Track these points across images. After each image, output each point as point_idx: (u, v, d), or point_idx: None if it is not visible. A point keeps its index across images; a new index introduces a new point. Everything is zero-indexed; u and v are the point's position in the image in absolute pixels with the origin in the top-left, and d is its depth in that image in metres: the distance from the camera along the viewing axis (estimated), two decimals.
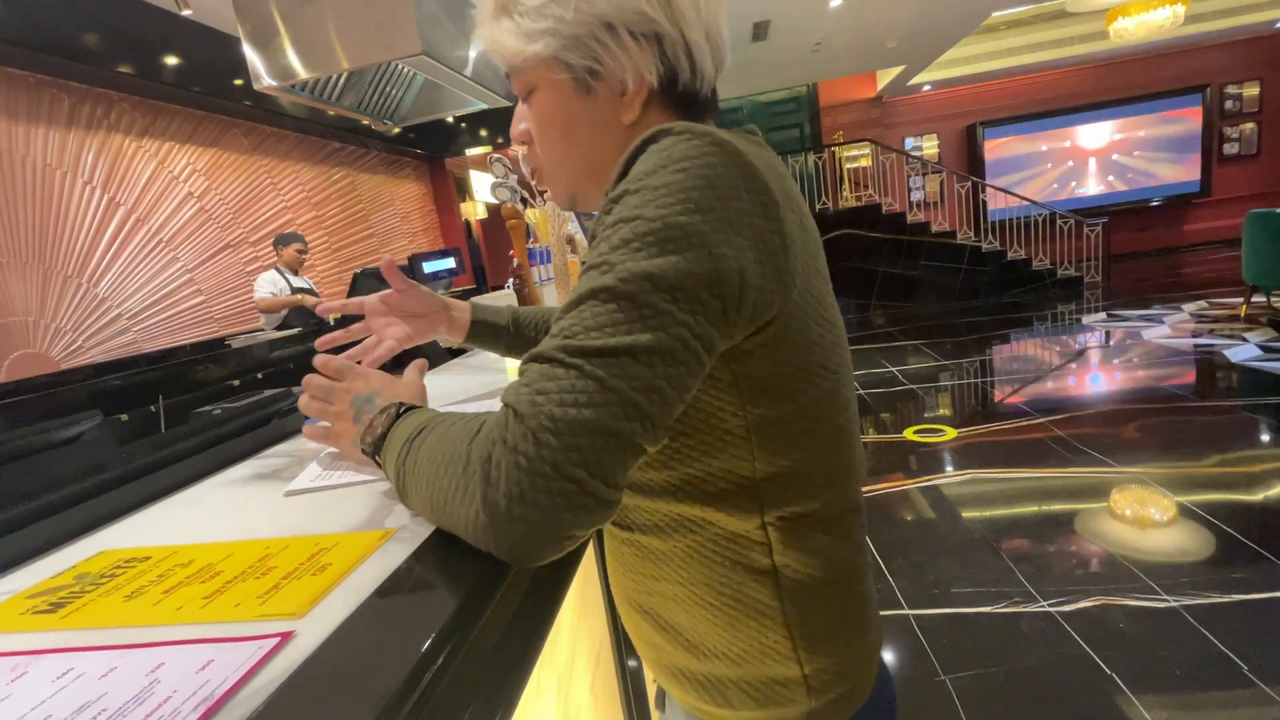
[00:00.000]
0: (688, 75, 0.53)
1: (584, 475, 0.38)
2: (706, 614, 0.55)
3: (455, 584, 0.41)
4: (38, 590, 0.48)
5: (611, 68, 0.52)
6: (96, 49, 3.41)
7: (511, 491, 0.37)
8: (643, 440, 0.40)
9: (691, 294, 0.40)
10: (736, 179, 0.43)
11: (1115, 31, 6.13)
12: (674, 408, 0.41)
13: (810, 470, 0.52)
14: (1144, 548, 2.20)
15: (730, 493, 0.51)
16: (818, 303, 0.51)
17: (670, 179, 0.42)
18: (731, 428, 0.49)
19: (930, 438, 3.38)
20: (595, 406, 0.38)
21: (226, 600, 0.41)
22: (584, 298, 0.41)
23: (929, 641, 1.82)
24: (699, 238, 0.41)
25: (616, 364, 0.39)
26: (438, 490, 0.42)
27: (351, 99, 3.03)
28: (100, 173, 3.73)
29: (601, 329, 0.39)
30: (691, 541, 0.54)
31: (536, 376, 0.40)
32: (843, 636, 0.56)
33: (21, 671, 0.36)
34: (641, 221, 0.41)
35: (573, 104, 0.55)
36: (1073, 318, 6.07)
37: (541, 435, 0.37)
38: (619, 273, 0.40)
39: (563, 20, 0.51)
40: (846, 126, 8.91)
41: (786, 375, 0.49)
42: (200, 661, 0.35)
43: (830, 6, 5.17)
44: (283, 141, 5.27)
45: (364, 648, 0.35)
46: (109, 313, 3.73)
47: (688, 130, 0.45)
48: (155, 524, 0.61)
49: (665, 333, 0.40)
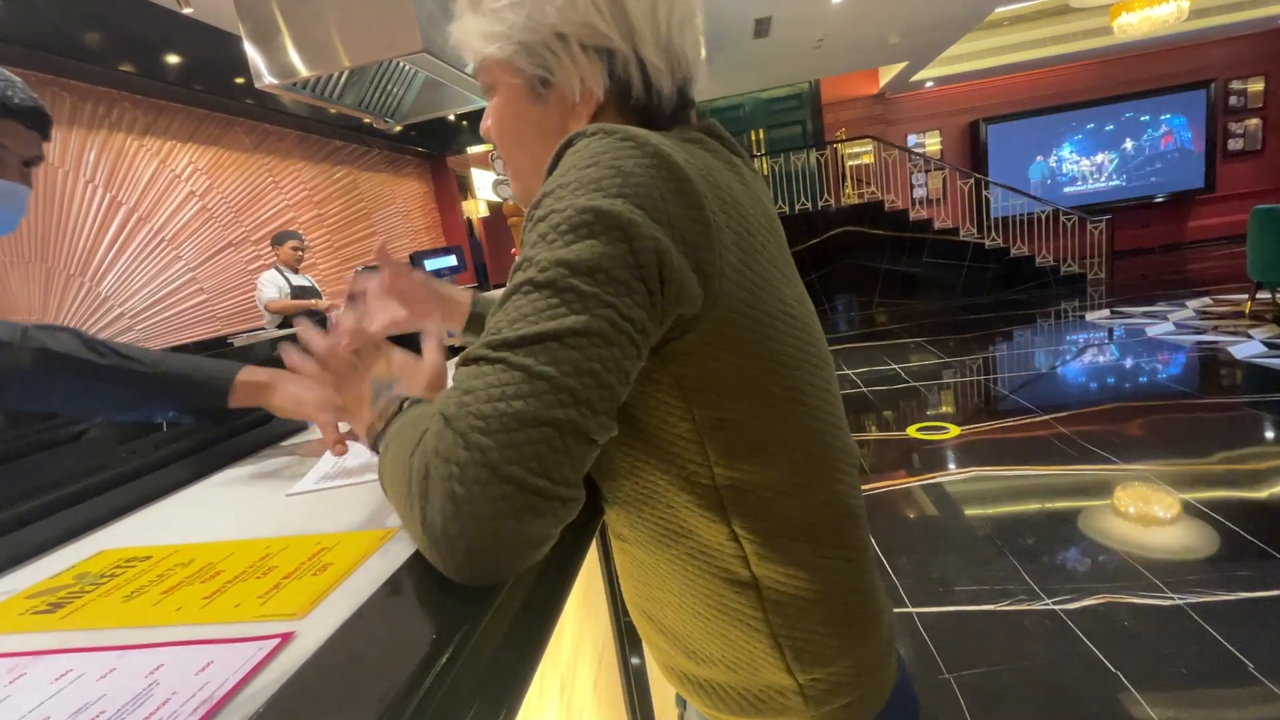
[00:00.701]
0: (641, 91, 0.53)
1: (521, 473, 0.35)
2: (697, 622, 0.55)
3: (456, 584, 0.40)
4: (37, 590, 0.47)
5: (561, 77, 0.53)
6: (98, 48, 3.41)
7: (446, 509, 0.35)
8: (586, 427, 0.38)
9: (613, 274, 0.39)
10: (649, 169, 0.43)
11: (1119, 27, 6.10)
12: (613, 391, 0.39)
13: (779, 479, 0.50)
14: (1149, 545, 2.19)
15: (695, 502, 0.50)
16: (770, 296, 0.50)
17: (580, 174, 0.42)
18: (682, 432, 0.48)
19: (933, 435, 3.37)
20: (525, 398, 0.36)
21: (227, 600, 0.41)
22: (507, 295, 0.41)
23: (933, 640, 1.82)
24: (612, 219, 0.40)
25: (542, 350, 0.37)
26: (397, 507, 0.42)
27: (353, 97, 3.03)
28: (102, 171, 3.73)
29: (524, 319, 0.38)
30: (674, 553, 0.53)
31: (464, 378, 0.38)
32: (838, 647, 0.53)
33: (21, 673, 0.36)
34: (555, 215, 0.41)
35: (524, 108, 0.56)
36: (1076, 315, 6.05)
37: (471, 436, 0.35)
38: (537, 264, 0.40)
39: (516, 26, 0.52)
40: (849, 123, 8.89)
41: (732, 374, 0.48)
42: (200, 663, 0.34)
43: (832, 3, 5.15)
44: (284, 140, 5.27)
45: (365, 649, 0.34)
46: (111, 312, 3.73)
47: (600, 130, 0.45)
48: (156, 523, 0.61)
49: (590, 314, 0.38)
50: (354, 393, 0.59)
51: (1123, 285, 7.07)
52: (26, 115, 0.85)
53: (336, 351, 0.59)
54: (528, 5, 0.51)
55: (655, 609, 0.59)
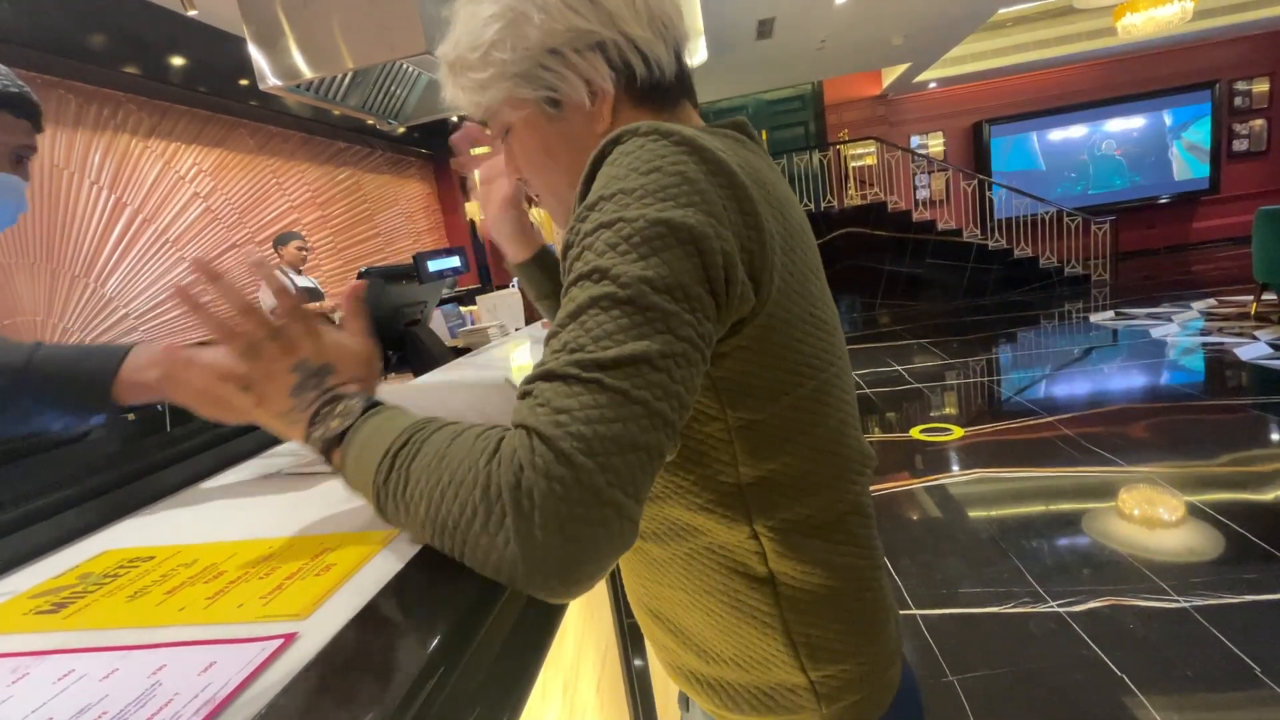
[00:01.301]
0: (644, 70, 0.53)
1: (621, 496, 0.35)
2: (709, 620, 0.55)
3: (460, 585, 0.40)
4: (41, 590, 0.47)
5: (567, 89, 0.53)
6: (104, 50, 3.42)
7: (550, 523, 0.34)
8: (667, 448, 0.38)
9: (690, 291, 0.40)
10: (709, 176, 0.43)
11: (1123, 28, 6.08)
12: (688, 409, 0.40)
13: (799, 475, 0.51)
14: (1153, 547, 2.18)
15: (717, 500, 0.50)
16: (805, 301, 0.50)
17: (644, 180, 0.42)
18: (713, 431, 0.48)
19: (937, 437, 3.37)
20: (624, 421, 0.36)
21: (230, 601, 0.41)
22: (583, 307, 0.39)
23: (936, 642, 1.81)
24: (685, 233, 0.40)
25: (636, 373, 0.37)
26: (445, 515, 0.38)
27: (356, 99, 3.04)
28: (107, 173, 3.75)
29: (610, 337, 0.38)
30: (688, 549, 0.53)
31: (552, 395, 0.37)
32: (850, 644, 0.54)
33: (23, 673, 0.36)
34: (624, 224, 0.40)
35: (545, 130, 0.56)
36: (1080, 316, 6.04)
37: (576, 459, 0.35)
38: (615, 279, 0.39)
39: (505, 62, 0.52)
40: (851, 124, 8.88)
41: (766, 377, 0.48)
42: (203, 663, 0.34)
43: (835, 4, 5.15)
44: (288, 141, 5.28)
45: (368, 650, 0.34)
46: (116, 312, 3.74)
47: (654, 130, 0.44)
48: (159, 523, 0.61)
49: (674, 334, 0.39)
50: (264, 367, 0.49)
51: (1127, 287, 7.05)
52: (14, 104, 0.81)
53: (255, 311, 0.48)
54: (508, 37, 0.51)
55: (665, 608, 0.59)
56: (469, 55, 0.53)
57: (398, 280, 1.33)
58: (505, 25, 0.51)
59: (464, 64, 0.54)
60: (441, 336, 1.73)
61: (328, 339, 0.51)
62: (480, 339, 1.70)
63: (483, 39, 0.52)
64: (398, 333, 1.42)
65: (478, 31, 0.52)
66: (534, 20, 0.50)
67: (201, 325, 0.48)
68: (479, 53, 0.53)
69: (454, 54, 0.55)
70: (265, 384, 0.49)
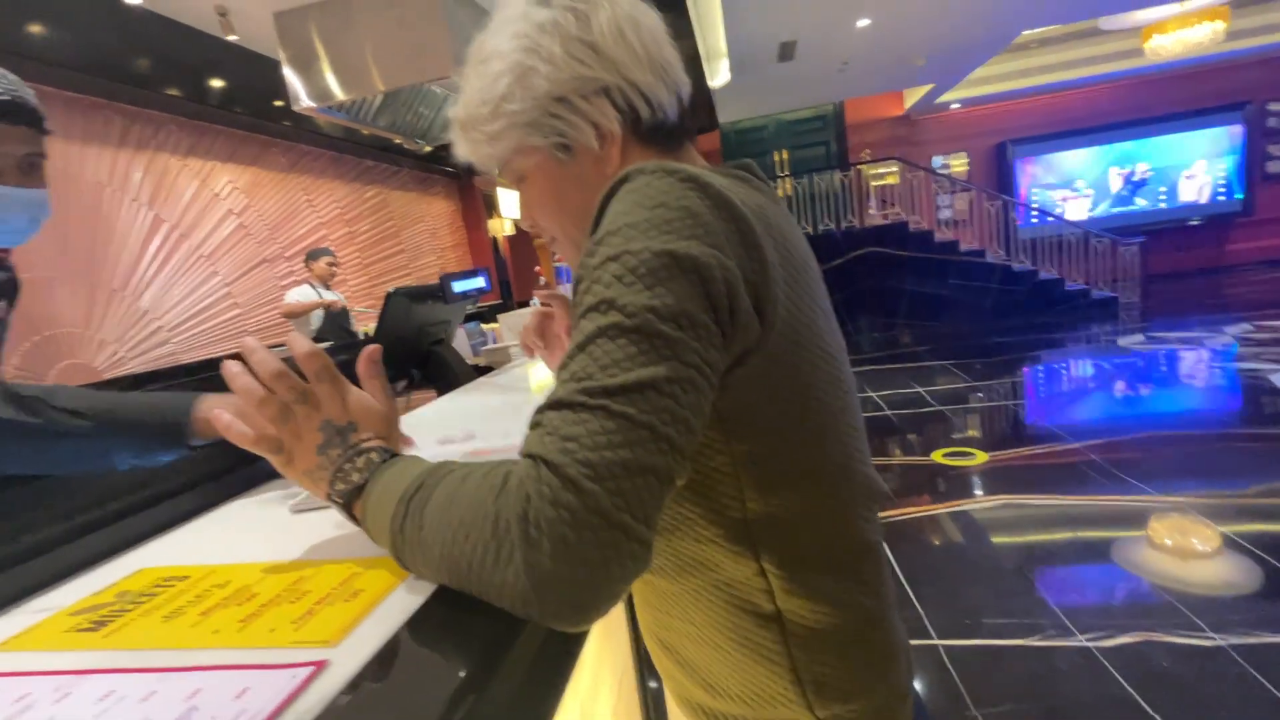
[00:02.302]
0: (648, 112, 0.55)
1: (629, 520, 0.36)
2: (717, 655, 0.55)
3: (485, 614, 0.41)
4: (80, 608, 0.49)
5: (576, 135, 0.55)
6: (147, 73, 3.57)
7: (558, 551, 0.35)
8: (676, 472, 0.39)
9: (696, 320, 0.40)
10: (712, 209, 0.44)
11: (1151, 49, 6.03)
12: (696, 435, 0.41)
13: (805, 510, 0.51)
14: (1187, 581, 2.11)
15: (724, 534, 0.50)
16: (810, 333, 0.51)
17: (649, 214, 0.43)
18: (718, 465, 0.49)
19: (959, 461, 3.31)
20: (631, 445, 0.37)
21: (262, 625, 0.42)
22: (591, 338, 0.40)
23: (959, 673, 1.77)
24: (689, 263, 0.41)
25: (642, 399, 0.38)
26: (458, 556, 0.39)
27: (386, 119, 3.12)
28: (147, 190, 3.89)
29: (617, 365, 0.39)
30: (696, 584, 0.53)
31: (560, 423, 0.38)
32: (859, 683, 0.54)
33: (65, 692, 0.37)
34: (630, 256, 0.41)
35: (557, 175, 0.58)
36: (1108, 339, 5.91)
37: (583, 484, 0.35)
38: (622, 308, 0.40)
39: (515, 113, 0.54)
40: (873, 144, 8.88)
41: (771, 409, 0.48)
42: (237, 689, 0.35)
43: (857, 27, 5.19)
44: (318, 160, 5.43)
45: (397, 680, 0.35)
46: (150, 324, 3.85)
47: (660, 169, 0.45)
48: (190, 542, 0.62)
49: (680, 361, 0.39)
50: (293, 429, 0.50)
51: (1157, 310, 6.91)
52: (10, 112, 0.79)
53: (286, 376, 0.50)
54: (518, 89, 0.54)
55: (674, 640, 0.59)
56: (480, 110, 0.56)
57: (423, 300, 1.36)
58: (514, 79, 0.54)
59: (475, 119, 0.56)
60: (464, 354, 1.75)
61: (351, 399, 0.53)
62: (502, 358, 1.72)
63: (493, 94, 0.54)
64: (422, 351, 1.45)
65: (487, 88, 0.55)
66: (541, 72, 0.53)
67: (240, 395, 0.50)
68: (489, 107, 0.55)
69: (465, 113, 0.58)
70: (294, 443, 0.51)
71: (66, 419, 0.72)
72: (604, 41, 0.53)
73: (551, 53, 0.52)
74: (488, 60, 0.55)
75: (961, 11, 5.04)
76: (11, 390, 0.72)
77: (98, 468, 0.76)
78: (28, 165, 0.86)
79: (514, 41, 0.54)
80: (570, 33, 0.53)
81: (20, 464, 0.75)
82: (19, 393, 0.72)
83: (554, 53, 0.52)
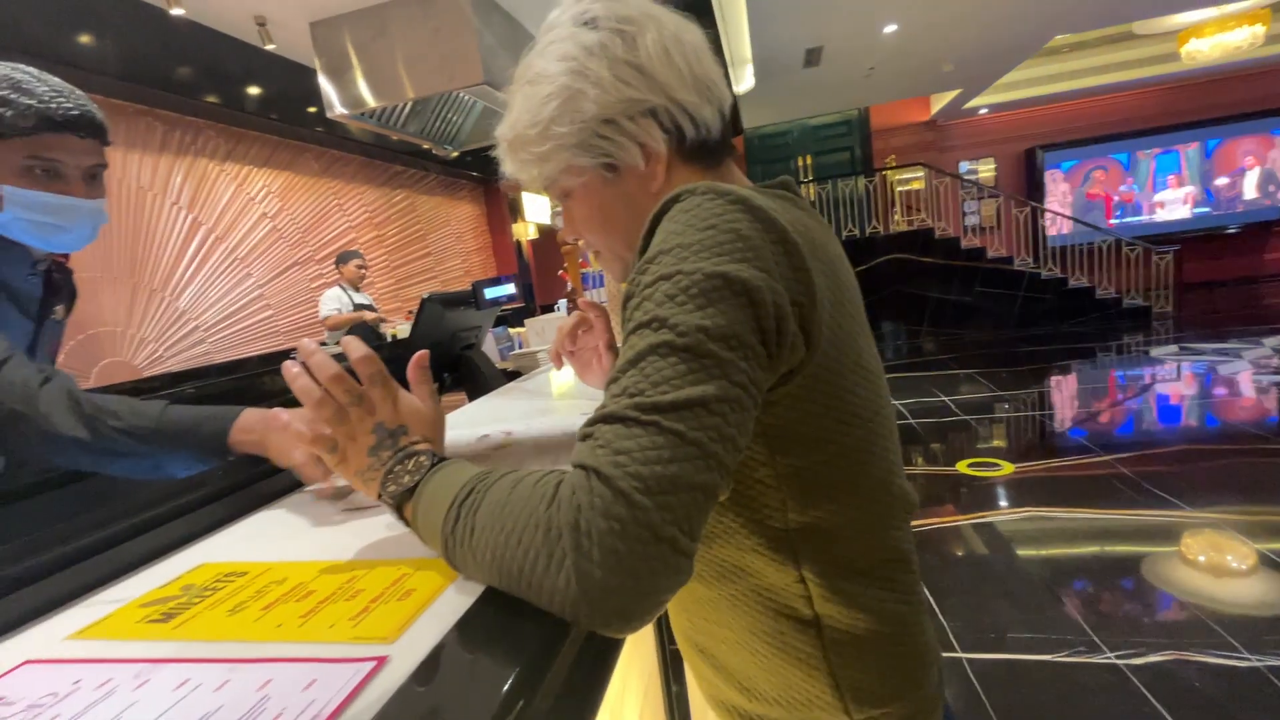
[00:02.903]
0: (692, 131, 0.56)
1: (677, 533, 0.37)
2: (753, 659, 0.56)
3: (532, 617, 0.42)
4: (149, 600, 0.52)
5: (623, 155, 0.56)
6: (188, 81, 3.68)
7: (608, 561, 0.36)
8: (720, 489, 0.40)
9: (744, 341, 0.42)
10: (762, 233, 0.45)
11: (1188, 54, 5.90)
12: (740, 452, 0.42)
13: (845, 521, 0.52)
14: (1222, 599, 2.06)
15: (766, 544, 0.52)
16: (853, 352, 0.52)
17: (701, 235, 0.44)
18: (762, 477, 0.50)
19: (985, 472, 3.26)
20: (680, 461, 0.38)
21: (321, 620, 0.44)
22: (642, 354, 0.42)
23: (984, 688, 1.75)
24: (739, 285, 0.42)
25: (692, 416, 0.39)
26: (510, 561, 0.40)
27: (416, 125, 3.19)
28: (186, 194, 4.01)
29: (668, 382, 0.40)
30: (734, 590, 0.55)
31: (612, 437, 0.39)
32: (894, 687, 0.55)
33: (144, 679, 0.40)
34: (682, 276, 0.43)
35: (603, 194, 0.59)
36: (1140, 349, 5.79)
37: (634, 497, 0.37)
38: (674, 327, 0.41)
39: (563, 134, 0.55)
40: (899, 150, 8.80)
41: (814, 425, 0.50)
42: (305, 680, 0.37)
43: (884, 33, 5.15)
44: (349, 165, 5.55)
45: (453, 677, 0.37)
46: (187, 324, 3.97)
47: (711, 190, 0.47)
48: (244, 540, 0.65)
49: (729, 380, 0.41)
50: (348, 430, 0.52)
51: (1192, 320, 6.73)
52: (77, 125, 0.83)
53: (343, 379, 0.52)
54: (566, 111, 0.55)
55: (710, 643, 0.60)
56: (528, 132, 0.57)
57: (456, 306, 1.40)
58: (562, 102, 0.55)
59: (523, 140, 0.58)
60: (492, 359, 1.79)
61: (403, 403, 0.55)
62: (530, 363, 1.74)
63: (541, 116, 0.56)
64: (454, 356, 1.48)
65: (535, 110, 0.56)
66: (589, 95, 0.54)
67: (298, 396, 0.53)
68: (538, 129, 0.56)
69: (513, 133, 0.59)
70: (348, 444, 0.53)
71: (124, 441, 0.76)
72: (650, 64, 0.54)
73: (599, 76, 0.53)
74: (536, 82, 0.56)
75: (992, 17, 4.99)
76: (82, 408, 0.76)
77: (149, 477, 0.82)
78: (90, 175, 0.91)
79: (562, 64, 0.55)
80: (617, 55, 0.54)
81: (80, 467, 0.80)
82: (85, 410, 0.76)
83: (601, 76, 0.53)
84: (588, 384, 0.89)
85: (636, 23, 0.55)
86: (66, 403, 0.75)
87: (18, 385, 0.75)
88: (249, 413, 0.77)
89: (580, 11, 0.56)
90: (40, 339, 1.03)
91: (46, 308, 1.03)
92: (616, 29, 0.54)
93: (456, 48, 2.89)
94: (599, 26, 0.55)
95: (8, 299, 0.95)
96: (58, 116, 0.82)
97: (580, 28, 0.55)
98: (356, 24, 2.86)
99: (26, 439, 0.75)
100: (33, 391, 0.75)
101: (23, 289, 0.97)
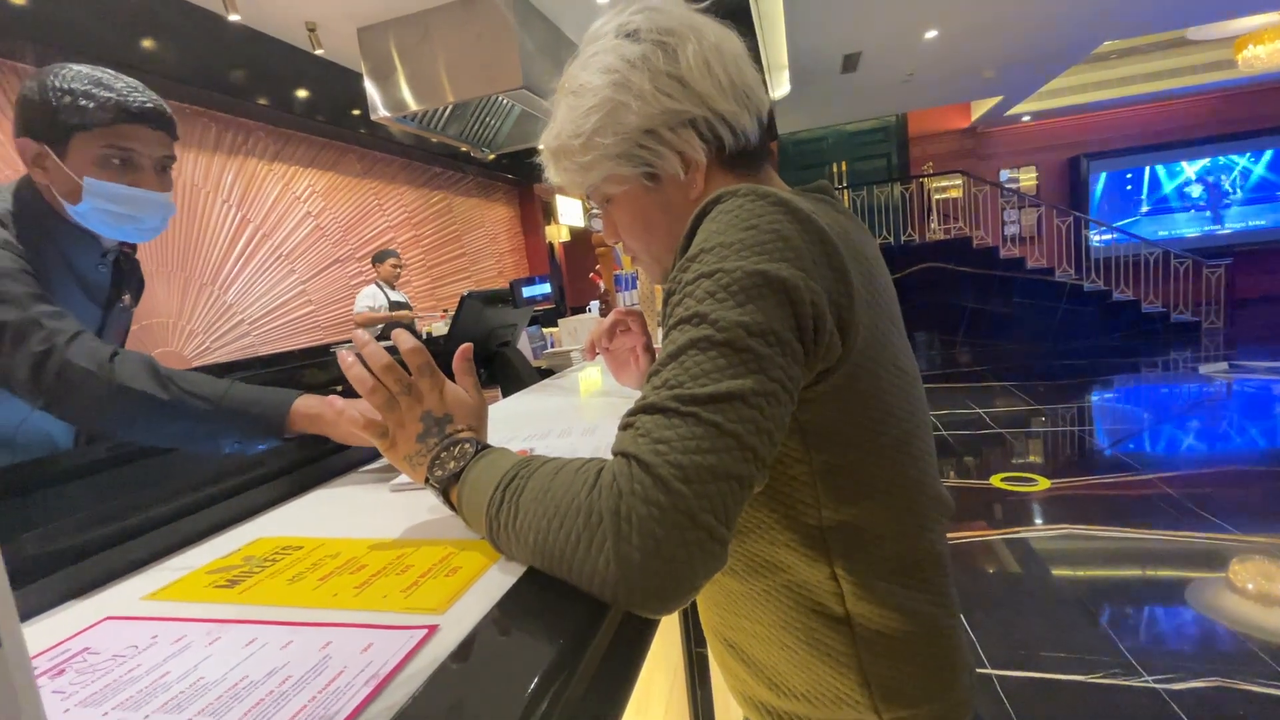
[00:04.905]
0: (732, 139, 0.58)
1: (712, 521, 0.39)
2: (784, 655, 0.57)
3: (571, 597, 0.44)
4: (214, 568, 0.55)
5: (663, 164, 0.58)
6: (241, 83, 3.83)
7: (647, 545, 0.38)
8: (756, 480, 0.42)
9: (782, 337, 0.43)
10: (802, 234, 0.46)
11: (1245, 60, 5.69)
12: (776, 445, 0.43)
13: (879, 520, 0.53)
14: (1269, 628, 1.98)
15: (800, 540, 0.53)
16: (889, 353, 0.53)
17: (742, 235, 0.46)
18: (797, 474, 0.51)
19: (1020, 486, 3.19)
20: (719, 452, 0.39)
21: (375, 592, 0.47)
22: (683, 348, 0.43)
23: (1014, 706, 1.71)
24: (779, 284, 0.44)
25: (730, 408, 0.41)
26: (553, 543, 0.42)
27: (455, 128, 3.26)
28: (236, 193, 4.17)
29: (708, 375, 0.42)
30: (766, 585, 0.56)
31: (652, 426, 0.41)
32: (924, 689, 0.55)
33: (216, 636, 0.43)
34: (723, 274, 0.44)
35: (644, 200, 0.61)
36: (1188, 366, 5.58)
37: (673, 485, 0.38)
38: (714, 323, 0.43)
39: (606, 145, 0.57)
40: (937, 157, 8.66)
41: (850, 423, 0.50)
42: (363, 643, 0.40)
43: (925, 38, 5.09)
44: (389, 166, 5.69)
45: (498, 648, 0.39)
46: (234, 317, 4.12)
47: (752, 192, 0.48)
48: (298, 516, 0.69)
49: (766, 375, 0.42)
50: (398, 417, 0.56)
51: (1244, 336, 6.47)
52: (150, 117, 0.90)
53: (394, 369, 0.56)
54: (609, 123, 0.57)
55: (740, 638, 0.61)
56: (571, 143, 0.59)
57: (494, 304, 1.44)
58: (605, 114, 0.57)
59: (567, 150, 0.60)
60: (526, 356, 1.82)
61: (449, 393, 0.58)
62: (564, 362, 1.78)
63: (584, 127, 0.58)
64: (490, 352, 1.52)
65: (579, 121, 0.58)
66: (631, 107, 0.56)
67: (353, 383, 0.56)
68: (581, 139, 0.58)
69: (556, 143, 0.61)
70: (398, 430, 0.56)
71: (190, 400, 0.81)
72: (691, 75, 0.55)
73: (641, 88, 0.55)
74: (579, 93, 0.58)
75: (1037, 22, 4.88)
76: (158, 370, 0.82)
77: (202, 449, 0.85)
78: (161, 168, 0.97)
79: (605, 76, 0.57)
80: (659, 68, 0.55)
81: (139, 434, 0.84)
82: (158, 369, 0.82)
83: (643, 88, 0.55)
84: (623, 384, 0.91)
85: (678, 34, 0.56)
86: (143, 365, 0.81)
87: (90, 351, 0.81)
88: (307, 396, 0.82)
89: (623, 23, 0.58)
90: (108, 325, 1.09)
91: (115, 296, 1.09)
92: (658, 41, 0.56)
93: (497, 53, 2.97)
94: (641, 39, 0.56)
95: (78, 286, 1.01)
96: (133, 108, 0.89)
97: (623, 39, 0.57)
98: (401, 29, 2.95)
99: (100, 402, 0.80)
100: (103, 358, 0.81)
101: (93, 277, 1.03)
